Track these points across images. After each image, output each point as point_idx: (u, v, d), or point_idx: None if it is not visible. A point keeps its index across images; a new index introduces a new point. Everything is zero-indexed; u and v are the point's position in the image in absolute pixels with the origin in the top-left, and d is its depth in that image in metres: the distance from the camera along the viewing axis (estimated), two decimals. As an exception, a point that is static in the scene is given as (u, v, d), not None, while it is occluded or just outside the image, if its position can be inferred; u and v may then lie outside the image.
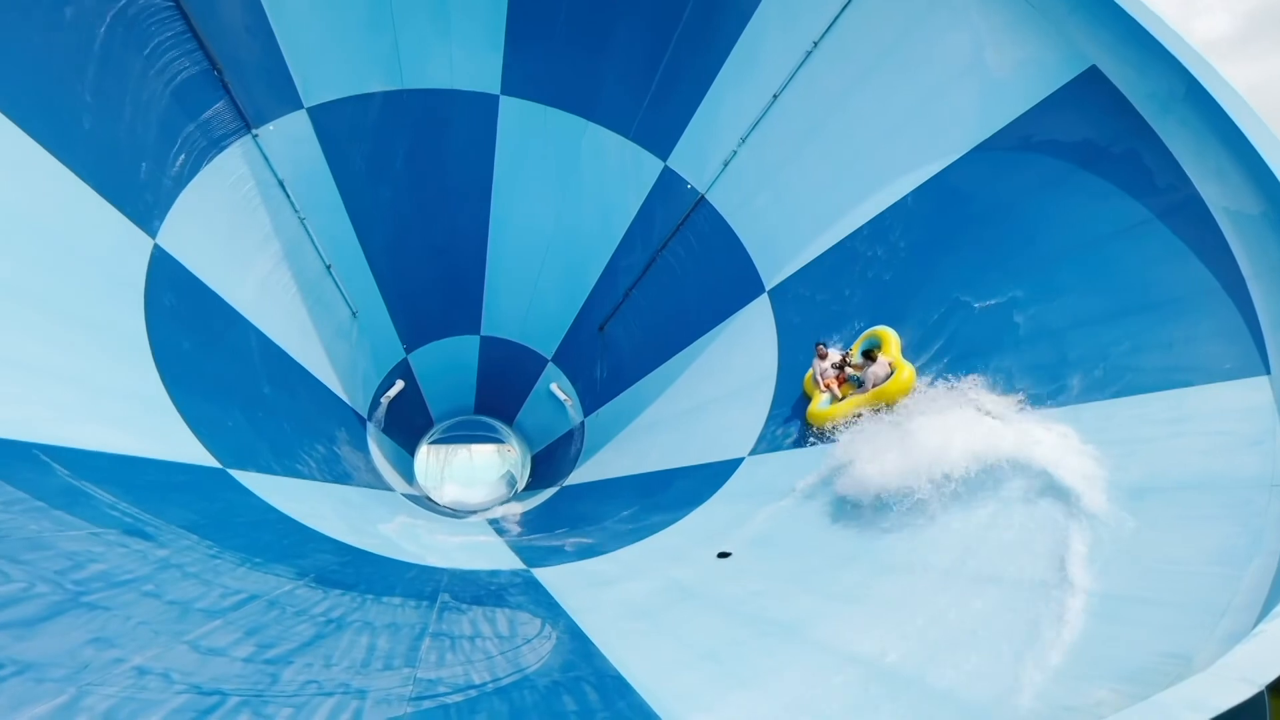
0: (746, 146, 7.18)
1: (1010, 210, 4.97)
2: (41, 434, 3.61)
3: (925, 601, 3.47)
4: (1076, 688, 2.46)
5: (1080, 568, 3.11)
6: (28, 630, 2.13)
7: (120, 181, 5.34)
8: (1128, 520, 3.17)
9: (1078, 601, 2.94)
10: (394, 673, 2.97)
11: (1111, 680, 2.39)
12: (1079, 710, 2.32)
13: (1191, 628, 2.39)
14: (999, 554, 3.55)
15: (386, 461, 10.65)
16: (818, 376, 6.11)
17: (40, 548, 2.65)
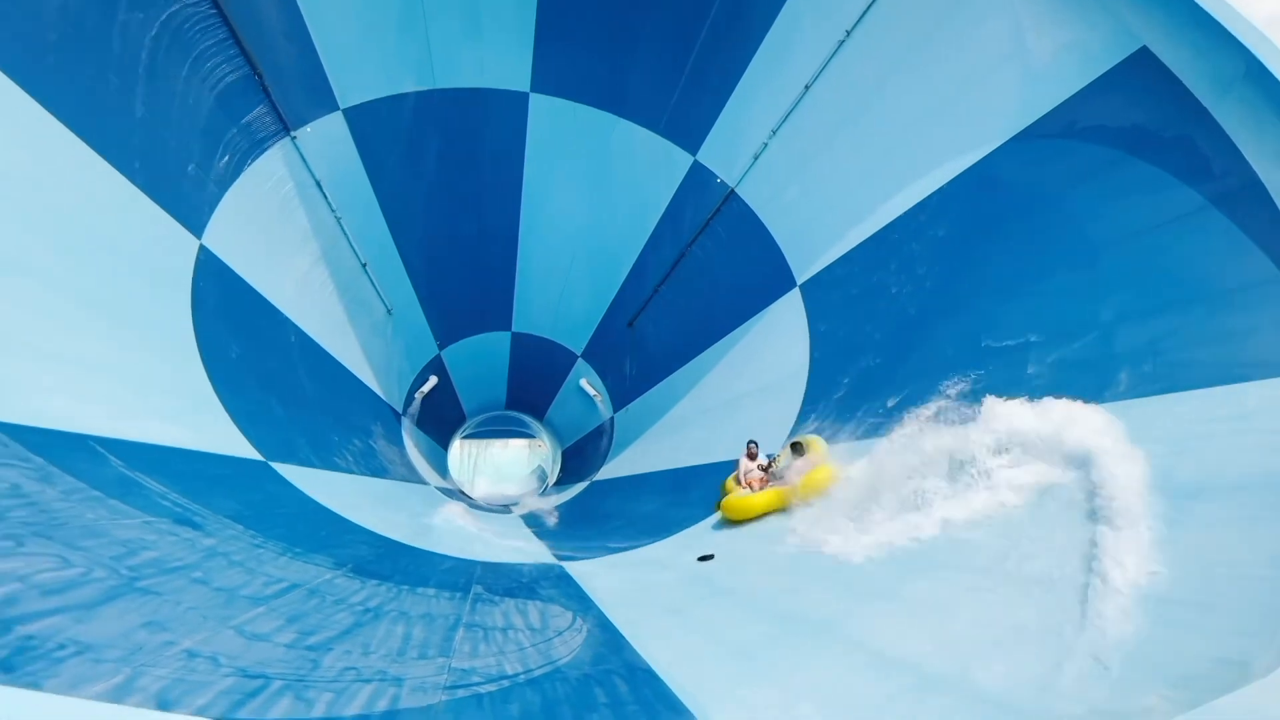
0: (777, 139, 7.09)
1: (1054, 200, 4.79)
2: (97, 427, 3.78)
3: (962, 600, 3.38)
4: (1123, 692, 2.37)
5: (1127, 569, 2.98)
6: (86, 613, 2.24)
7: (169, 185, 5.54)
8: (1179, 521, 3.03)
9: (1124, 604, 2.82)
10: (429, 662, 3.03)
11: (1161, 685, 2.29)
12: (1125, 716, 2.24)
13: (1249, 633, 2.27)
14: (1040, 553, 3.44)
15: (421, 455, 10.87)
16: (742, 475, 6.36)
17: (97, 535, 2.77)
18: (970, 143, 5.46)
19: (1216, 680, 2.08)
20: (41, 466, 2.96)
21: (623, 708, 2.81)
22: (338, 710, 2.30)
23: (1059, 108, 4.82)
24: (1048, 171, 4.92)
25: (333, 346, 8.39)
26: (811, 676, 3.15)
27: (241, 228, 6.48)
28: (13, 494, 2.63)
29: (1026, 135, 5.09)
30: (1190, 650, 2.34)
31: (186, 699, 2.05)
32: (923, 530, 4.13)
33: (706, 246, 8.51)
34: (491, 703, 2.70)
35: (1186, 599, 2.67)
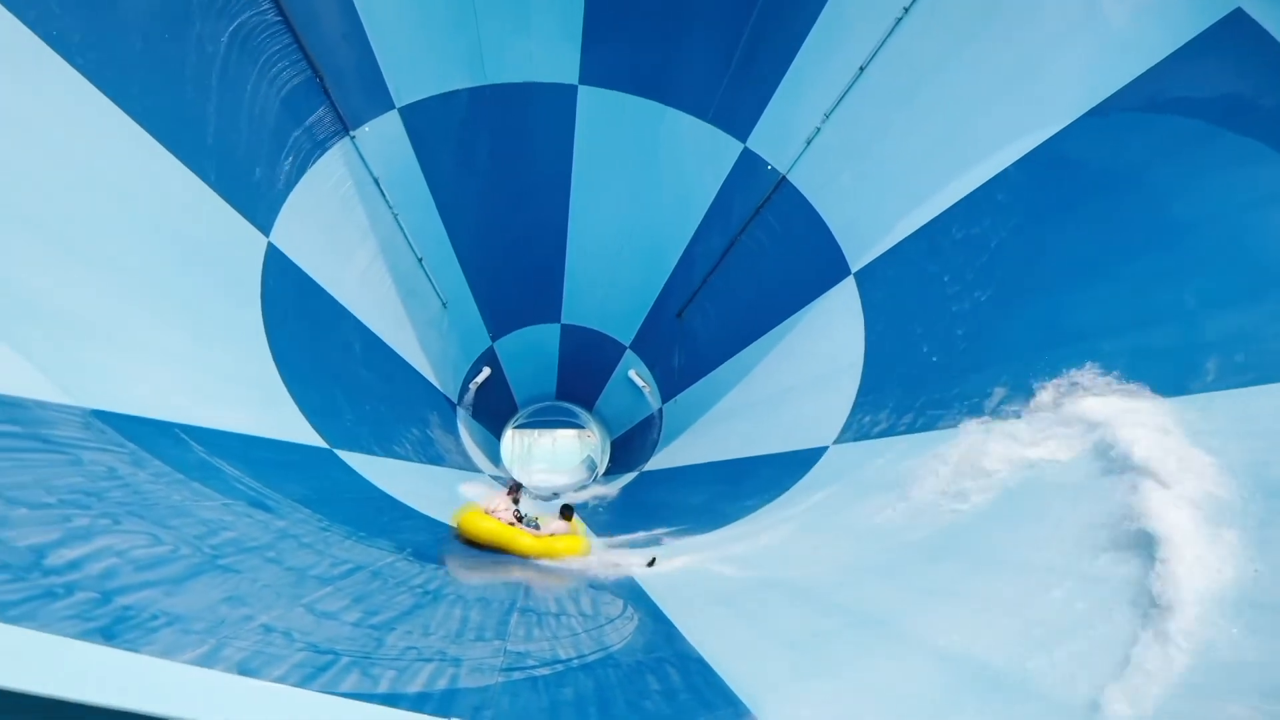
0: (831, 123, 6.88)
1: (1133, 178, 4.47)
2: (180, 415, 4.04)
3: (1028, 599, 3.23)
4: (1207, 703, 2.23)
5: (1212, 571, 2.79)
6: (175, 587, 2.40)
7: (239, 185, 5.85)
8: (1273, 521, 2.81)
9: (1209, 609, 2.64)
10: (486, 644, 3.12)
11: (1252, 696, 2.14)
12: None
13: (1357, 644, 2.10)
14: (1114, 551, 3.25)
15: (475, 444, 11.18)
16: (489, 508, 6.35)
17: (182, 515, 2.97)
18: (1039, 120, 5.16)
19: (1318, 693, 1.92)
20: (134, 451, 3.18)
21: (675, 696, 2.82)
22: (401, 687, 2.39)
23: (1139, 79, 4.49)
24: (1126, 148, 4.59)
25: (391, 339, 8.70)
26: (868, 672, 3.08)
27: (305, 225, 6.78)
28: (110, 476, 2.84)
29: (1102, 110, 4.76)
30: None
31: (265, 670, 2.17)
32: (985, 527, 3.98)
33: (756, 235, 8.38)
34: (546, 686, 2.76)
35: None
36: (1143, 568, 3.01)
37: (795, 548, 5.22)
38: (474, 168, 8.89)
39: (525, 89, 8.07)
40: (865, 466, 5.67)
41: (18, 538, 2.09)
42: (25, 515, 2.21)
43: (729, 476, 7.98)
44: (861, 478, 5.62)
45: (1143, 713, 2.25)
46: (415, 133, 7.91)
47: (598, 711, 2.63)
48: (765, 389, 8.41)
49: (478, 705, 2.43)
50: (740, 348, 9.08)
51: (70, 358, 3.42)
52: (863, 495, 5.37)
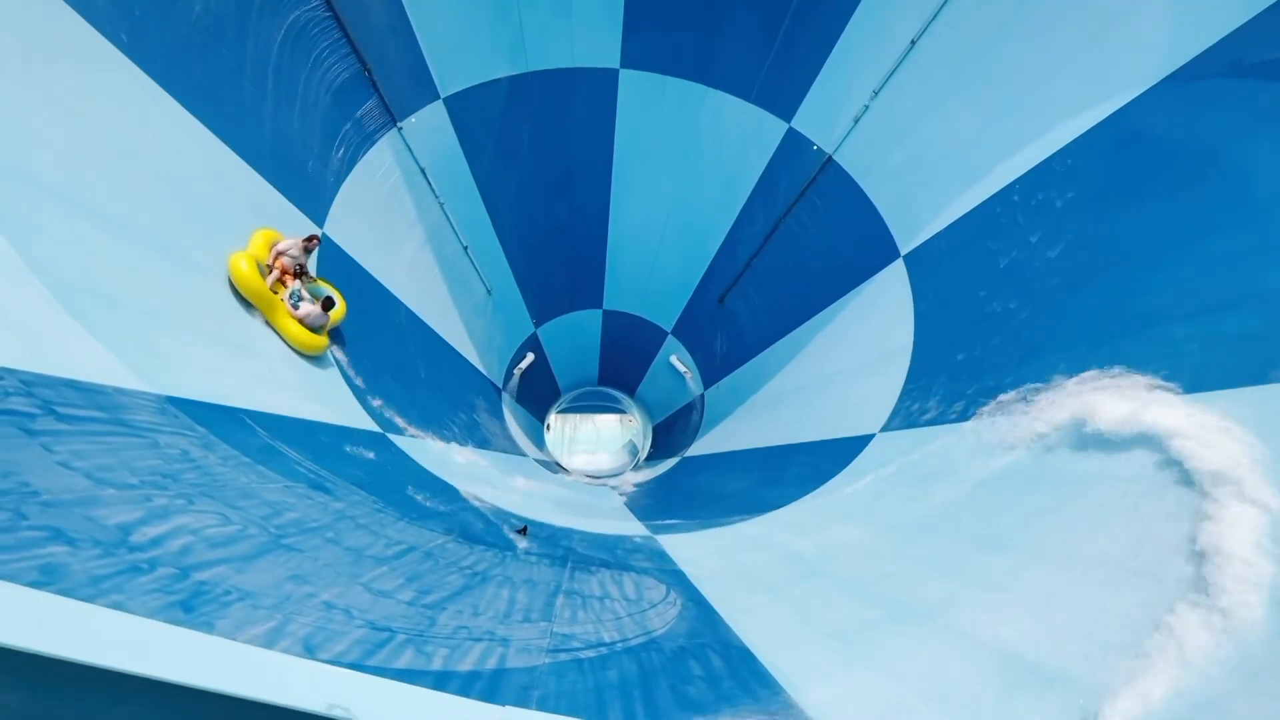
0: (879, 100, 6.65)
1: (1213, 151, 4.17)
2: (245, 400, 4.26)
3: (1085, 597, 3.12)
4: (1269, 705, 2.12)
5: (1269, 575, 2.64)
6: (245, 565, 2.55)
7: (295, 179, 6.06)
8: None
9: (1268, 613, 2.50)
10: (532, 625, 3.21)
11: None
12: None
13: None
14: (1178, 550, 3.09)
15: (520, 429, 11.40)
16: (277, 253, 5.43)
17: (249, 496, 3.14)
18: (1106, 91, 4.85)
19: None
20: (204, 435, 3.38)
21: (718, 683, 2.85)
22: (453, 665, 2.49)
23: (1221, 42, 4.17)
24: (1204, 119, 4.28)
25: (439, 326, 8.93)
26: (914, 664, 3.04)
27: (355, 216, 6.99)
28: (183, 459, 3.03)
29: (1177, 78, 4.44)
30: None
31: (327, 645, 2.30)
32: (1038, 519, 3.84)
33: (801, 218, 8.20)
34: (591, 668, 2.83)
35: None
36: (1197, 568, 2.87)
37: (839, 537, 5.16)
38: (516, 155, 8.97)
39: (567, 74, 8.07)
40: (913, 455, 5.53)
41: (107, 516, 2.25)
42: (113, 495, 2.38)
43: (771, 463, 7.91)
44: (909, 466, 5.49)
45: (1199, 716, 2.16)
46: (459, 122, 8.02)
47: (641, 694, 2.69)
48: (809, 375, 8.27)
49: (526, 685, 2.51)
50: (784, 333, 8.95)
51: (146, 347, 3.64)
52: (911, 484, 5.25)
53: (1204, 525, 3.05)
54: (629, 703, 2.62)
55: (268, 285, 5.32)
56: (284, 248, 5.53)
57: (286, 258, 5.53)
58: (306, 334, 5.60)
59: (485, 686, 2.38)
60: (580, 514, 7.23)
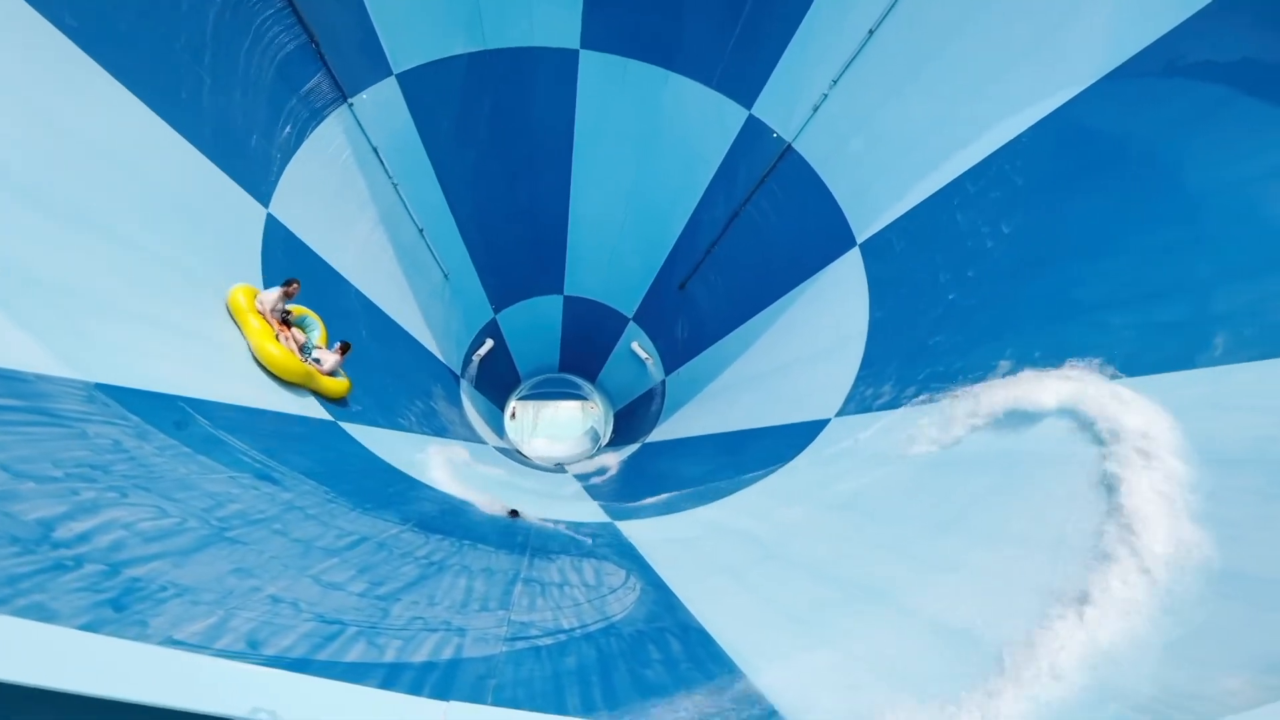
0: (838, 89, 6.71)
1: (1147, 147, 4.36)
2: (186, 388, 4.06)
3: (1030, 575, 3.26)
4: (1204, 674, 2.25)
5: (1214, 546, 2.81)
6: (183, 559, 2.43)
7: (237, 155, 5.76)
8: (1275, 496, 2.81)
9: (1209, 583, 2.66)
10: (490, 614, 3.17)
11: (1248, 669, 2.16)
12: (1205, 699, 2.13)
13: (1353, 619, 2.11)
14: (1117, 527, 3.26)
15: (479, 416, 11.24)
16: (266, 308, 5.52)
17: (189, 488, 2.99)
18: (1054, 86, 5.01)
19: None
20: (139, 425, 3.20)
21: (676, 666, 2.87)
22: (407, 656, 2.44)
23: (1158, 43, 4.34)
24: (1142, 115, 4.47)
25: (393, 310, 8.68)
26: (866, 642, 3.13)
27: (304, 196, 6.70)
28: (115, 450, 2.86)
29: (1118, 75, 4.62)
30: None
31: (273, 640, 2.21)
32: (985, 500, 4.00)
33: (761, 205, 8.25)
34: (549, 655, 2.81)
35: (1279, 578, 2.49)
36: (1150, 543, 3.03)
37: (796, 520, 5.26)
38: (474, 136, 8.74)
39: (526, 54, 7.88)
40: (867, 439, 5.68)
41: (26, 511, 2.11)
42: (33, 489, 2.23)
43: (731, 448, 8.01)
44: (864, 450, 5.63)
45: (1140, 684, 2.28)
46: (414, 100, 7.75)
47: (600, 680, 2.69)
48: (768, 361, 8.39)
49: (482, 674, 2.48)
50: (743, 320, 9.03)
51: (72, 330, 3.42)
52: (864, 468, 5.39)
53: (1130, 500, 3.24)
54: (587, 689, 2.62)
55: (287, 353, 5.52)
56: (268, 305, 5.57)
57: (273, 314, 5.61)
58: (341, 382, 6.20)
59: (440, 678, 2.34)
60: (540, 501, 7.18)
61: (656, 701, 2.55)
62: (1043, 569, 3.15)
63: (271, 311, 5.57)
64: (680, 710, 2.52)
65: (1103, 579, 2.89)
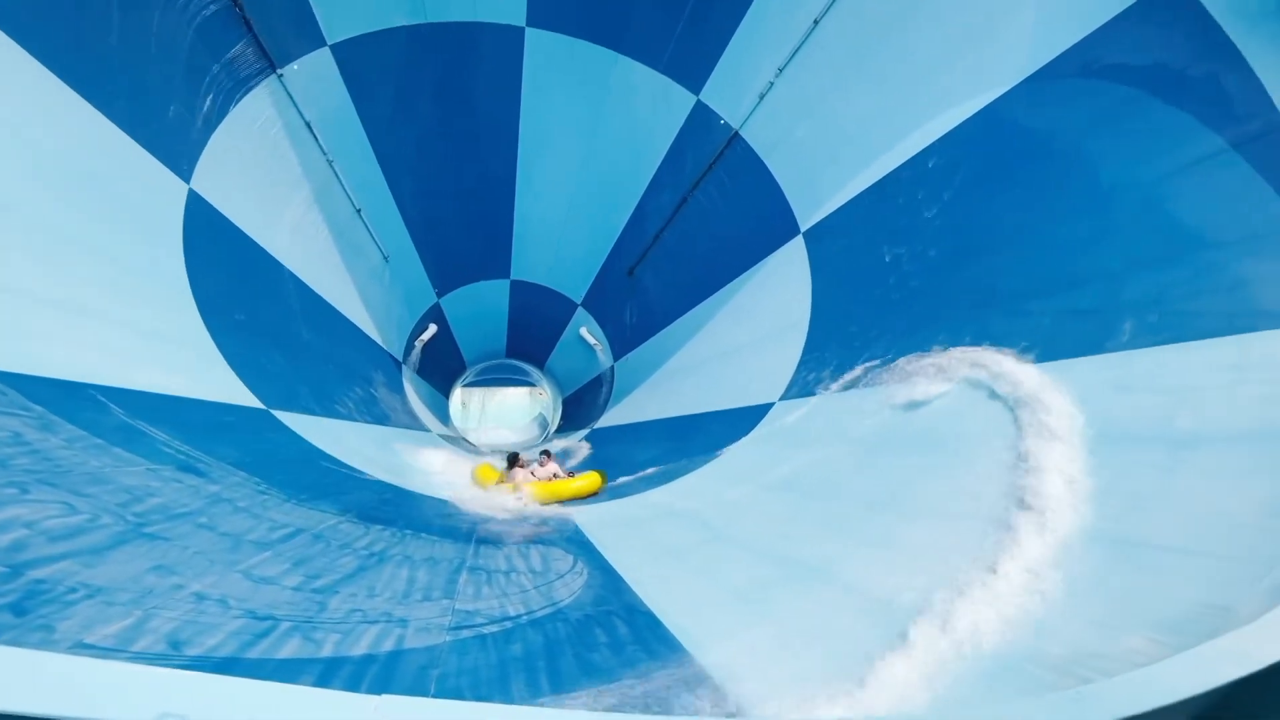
0: (784, 78, 6.79)
1: (1068, 144, 4.62)
2: (97, 375, 3.77)
3: (955, 547, 3.46)
4: (1108, 635, 2.44)
5: (1118, 518, 3.04)
6: (95, 558, 2.28)
7: (152, 126, 5.35)
8: (1174, 470, 3.06)
9: (1114, 550, 2.89)
10: (433, 604, 3.11)
11: (1146, 629, 2.36)
12: (1109, 657, 2.31)
13: (1236, 580, 2.32)
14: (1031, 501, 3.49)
15: (422, 403, 10.96)
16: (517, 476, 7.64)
17: (102, 482, 2.80)
18: (983, 83, 5.23)
19: (1202, 625, 2.13)
20: (42, 415, 2.96)
21: (622, 648, 2.90)
22: (345, 650, 2.37)
23: (1079, 44, 4.59)
24: (1064, 114, 4.72)
25: (330, 294, 8.32)
26: (804, 617, 3.25)
27: (230, 171, 6.30)
28: (15, 442, 2.64)
29: (1043, 75, 4.86)
30: (1177, 595, 2.40)
31: (198, 639, 2.11)
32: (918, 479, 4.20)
33: (709, 191, 8.30)
34: (495, 643, 2.79)
35: (1176, 545, 2.72)
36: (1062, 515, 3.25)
37: (740, 501, 5.39)
38: (415, 113, 8.41)
39: (469, 29, 7.61)
40: (809, 422, 5.86)
41: (-92, 511, 1.93)
42: (-85, 487, 2.03)
43: (678, 433, 8.11)
44: (805, 433, 5.81)
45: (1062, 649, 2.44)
46: (350, 73, 7.38)
47: (546, 665, 2.69)
48: (715, 347, 8.50)
49: (425, 665, 2.44)
50: (691, 306, 9.11)
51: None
52: (806, 450, 5.56)
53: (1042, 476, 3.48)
54: (533, 675, 2.61)
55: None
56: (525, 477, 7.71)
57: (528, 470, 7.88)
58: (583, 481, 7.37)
59: (380, 671, 2.29)
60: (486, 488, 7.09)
61: (603, 684, 2.57)
62: (965, 541, 3.34)
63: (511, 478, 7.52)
64: (627, 691, 2.56)
65: (1017, 549, 3.09)
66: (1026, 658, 2.42)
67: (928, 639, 2.68)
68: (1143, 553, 2.80)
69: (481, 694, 2.31)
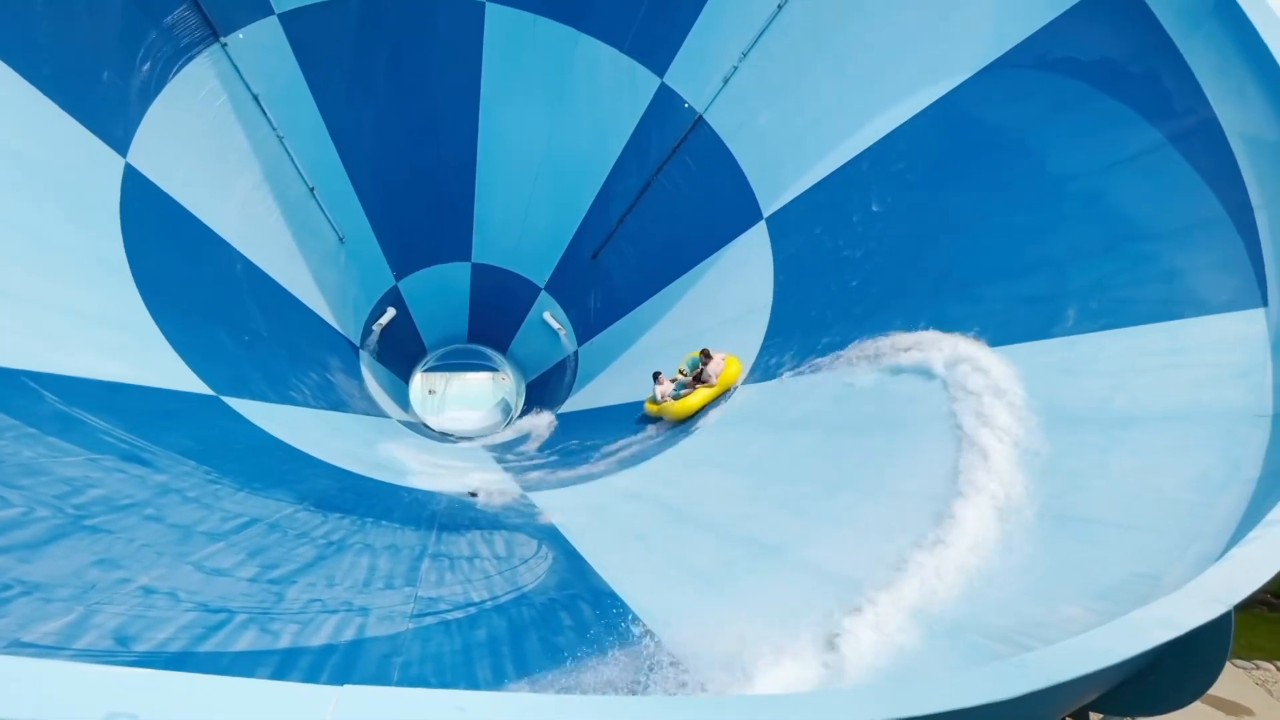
0: (748, 63, 6.79)
1: (1019, 135, 4.76)
2: (29, 361, 3.56)
3: (907, 525, 3.58)
4: (1048, 605, 2.58)
5: (1058, 494, 3.20)
6: (31, 553, 2.17)
7: (83, 95, 5.02)
8: (1110, 449, 3.23)
9: (1052, 525, 3.05)
10: (395, 592, 3.08)
11: (1083, 599, 2.50)
12: (1049, 625, 2.44)
13: (1164, 551, 2.48)
14: (980, 480, 3.63)
15: (381, 389, 10.71)
16: (660, 395, 7.34)
17: (36, 473, 2.66)
18: (940, 74, 5.34)
19: (1133, 593, 2.27)
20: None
21: (587, 630, 2.93)
22: (304, 641, 2.33)
23: (1032, 37, 4.72)
24: (1016, 106, 4.87)
25: (282, 276, 8.01)
26: (762, 594, 3.33)
27: (172, 146, 5.98)
28: (-63, 432, 2.48)
29: (996, 67, 4.99)
30: (1112, 566, 2.54)
31: (147, 634, 2.04)
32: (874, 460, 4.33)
33: (673, 176, 8.28)
34: (459, 629, 2.78)
35: (1111, 520, 2.88)
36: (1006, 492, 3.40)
37: (703, 483, 5.46)
38: (371, 89, 8.11)
39: (426, 1, 7.36)
40: (770, 405, 5.96)
41: None
42: None
43: (642, 417, 8.14)
44: (766, 416, 5.91)
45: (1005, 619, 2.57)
46: (300, 44, 7.06)
47: (511, 650, 2.70)
48: (679, 331, 8.54)
49: (387, 653, 2.41)
50: (655, 290, 9.11)
51: None
52: (767, 433, 5.66)
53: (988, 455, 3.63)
54: (498, 659, 2.62)
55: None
56: (663, 393, 7.33)
57: (669, 391, 7.33)
58: (726, 372, 6.77)
59: (341, 660, 2.25)
60: (448, 474, 7.00)
61: (568, 666, 2.60)
62: (916, 519, 3.46)
63: (664, 396, 7.26)
64: (592, 671, 2.59)
65: (963, 526, 3.23)
66: (973, 628, 2.54)
67: (881, 613, 2.78)
68: (1082, 527, 2.96)
69: (446, 680, 2.30)
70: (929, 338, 4.76)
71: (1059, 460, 3.37)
